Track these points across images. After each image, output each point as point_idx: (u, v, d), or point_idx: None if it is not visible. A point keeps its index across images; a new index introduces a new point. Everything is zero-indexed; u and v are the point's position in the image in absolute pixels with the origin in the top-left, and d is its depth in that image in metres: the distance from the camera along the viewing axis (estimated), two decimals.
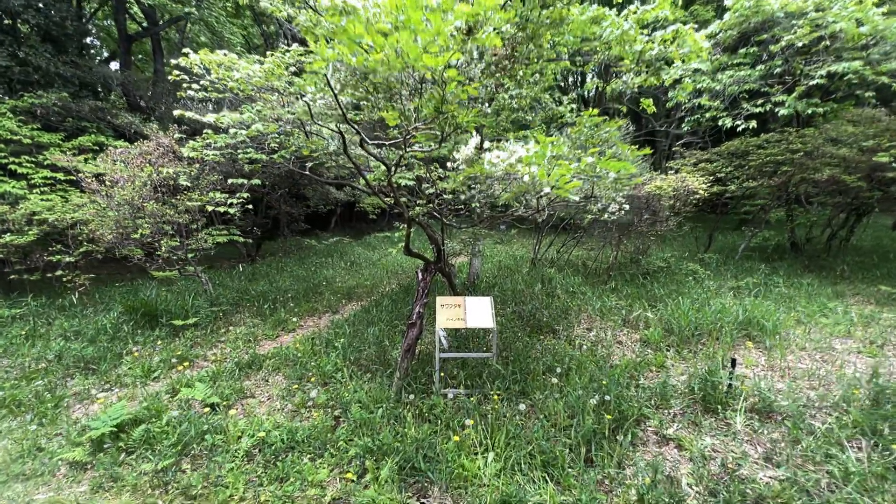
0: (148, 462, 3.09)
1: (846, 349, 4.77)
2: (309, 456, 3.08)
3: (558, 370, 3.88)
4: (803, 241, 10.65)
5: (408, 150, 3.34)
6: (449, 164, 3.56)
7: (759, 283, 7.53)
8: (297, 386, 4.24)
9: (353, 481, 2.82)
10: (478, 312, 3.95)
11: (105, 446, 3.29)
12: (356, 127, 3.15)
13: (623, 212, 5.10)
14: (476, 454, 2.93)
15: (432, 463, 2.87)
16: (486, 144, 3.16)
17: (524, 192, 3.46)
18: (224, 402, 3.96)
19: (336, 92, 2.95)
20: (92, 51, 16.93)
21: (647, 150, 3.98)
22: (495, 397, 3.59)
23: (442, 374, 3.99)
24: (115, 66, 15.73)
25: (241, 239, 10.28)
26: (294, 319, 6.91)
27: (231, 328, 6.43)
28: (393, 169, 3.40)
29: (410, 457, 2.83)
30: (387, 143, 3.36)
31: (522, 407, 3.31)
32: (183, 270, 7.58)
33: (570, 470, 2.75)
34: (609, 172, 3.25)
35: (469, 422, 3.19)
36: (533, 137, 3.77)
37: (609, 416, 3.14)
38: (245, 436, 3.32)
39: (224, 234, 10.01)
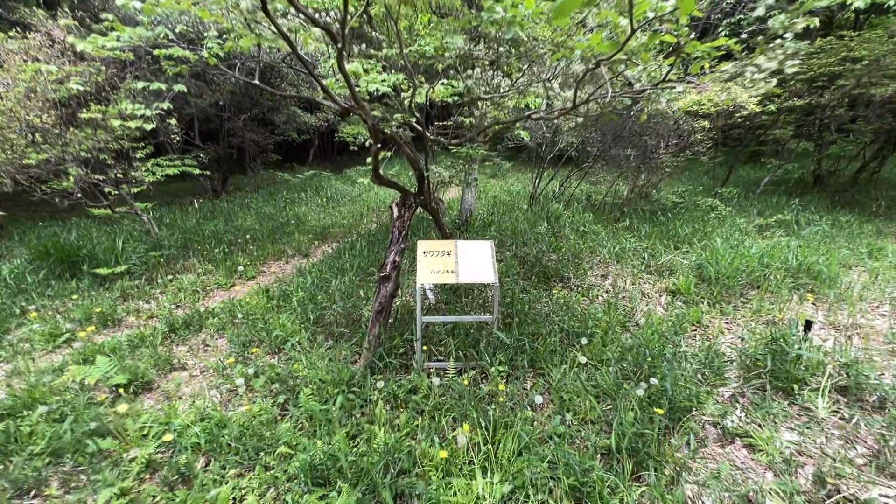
0: None
1: None
2: (235, 470, 2.17)
3: (583, 340, 2.92)
4: (827, 174, 9.61)
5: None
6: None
7: (789, 221, 6.58)
8: (232, 359, 3.27)
9: None
10: (474, 261, 2.91)
11: None
12: None
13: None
14: (472, 471, 2.04)
15: (409, 489, 1.97)
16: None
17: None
18: (139, 381, 3.00)
19: None
20: None
21: (723, 40, 2.58)
22: (497, 379, 2.66)
23: (426, 346, 3.04)
24: None
25: (197, 170, 8.85)
26: (255, 265, 5.86)
27: (177, 276, 5.36)
28: (344, 46, 2.13)
29: (376, 483, 1.93)
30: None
31: (539, 399, 2.36)
32: (114, 207, 6.31)
33: (610, 498, 1.87)
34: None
35: (465, 431, 2.27)
36: None
37: (660, 411, 2.25)
38: (151, 436, 2.38)
39: (176, 165, 8.59)
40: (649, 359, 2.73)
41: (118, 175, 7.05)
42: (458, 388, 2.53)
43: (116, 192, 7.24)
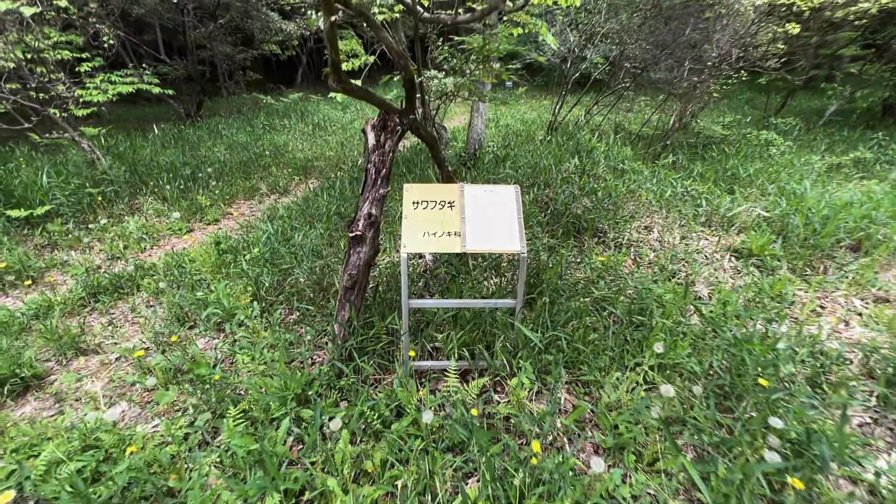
0: None
1: None
2: None
3: (658, 346, 1.94)
4: None
5: None
6: None
7: (868, 160, 5.38)
8: (141, 352, 2.41)
9: None
10: (489, 218, 1.91)
11: None
12: None
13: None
14: None
15: None
16: None
17: None
18: (23, 375, 2.17)
19: None
20: None
21: None
22: (520, 392, 1.79)
23: (414, 344, 2.14)
24: None
25: (157, 89, 7.49)
26: (220, 205, 4.87)
27: (122, 219, 4.41)
28: None
29: None
30: None
31: (599, 466, 1.41)
32: (48, 131, 5.18)
33: None
34: None
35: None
36: None
37: (797, 484, 1.37)
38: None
39: (132, 82, 7.22)
40: (751, 370, 1.83)
41: (60, 93, 5.83)
42: (463, 415, 1.66)
43: (65, 114, 6.06)
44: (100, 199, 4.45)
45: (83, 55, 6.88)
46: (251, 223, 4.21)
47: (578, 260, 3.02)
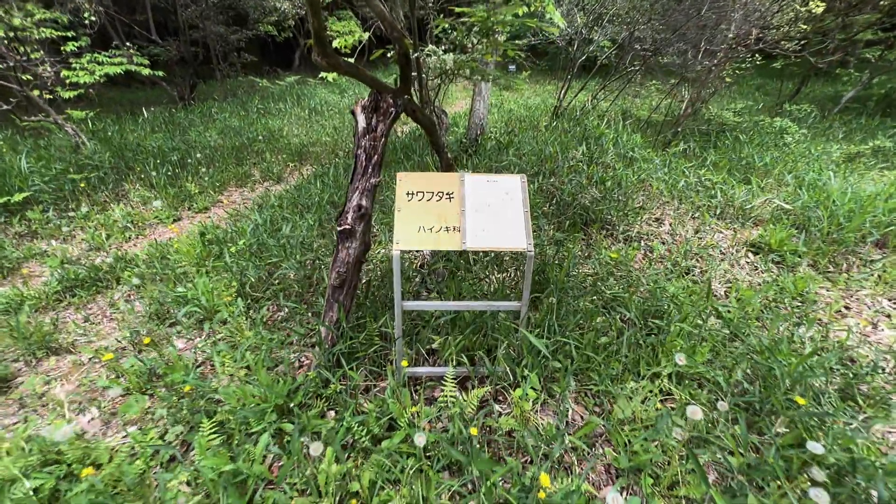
0: None
1: None
2: None
3: (679, 358, 1.73)
4: None
5: None
6: None
7: (889, 149, 5.14)
8: (111, 354, 2.24)
9: None
10: (493, 212, 1.71)
11: None
12: None
13: None
14: None
15: None
16: None
17: None
18: None
19: None
20: None
21: None
22: (524, 404, 1.61)
23: (409, 349, 1.96)
24: None
25: (147, 71, 7.22)
26: (211, 192, 4.67)
27: (107, 206, 4.21)
28: None
29: None
30: None
31: (617, 501, 1.23)
32: (24, 113, 4.95)
33: None
34: None
35: None
36: None
37: None
38: None
39: (120, 63, 6.96)
40: (781, 383, 1.65)
41: (41, 73, 5.58)
42: (462, 432, 1.49)
43: (49, 96, 5.82)
44: (83, 185, 4.24)
45: (68, 34, 6.58)
46: (241, 212, 4.02)
47: (586, 254, 2.83)
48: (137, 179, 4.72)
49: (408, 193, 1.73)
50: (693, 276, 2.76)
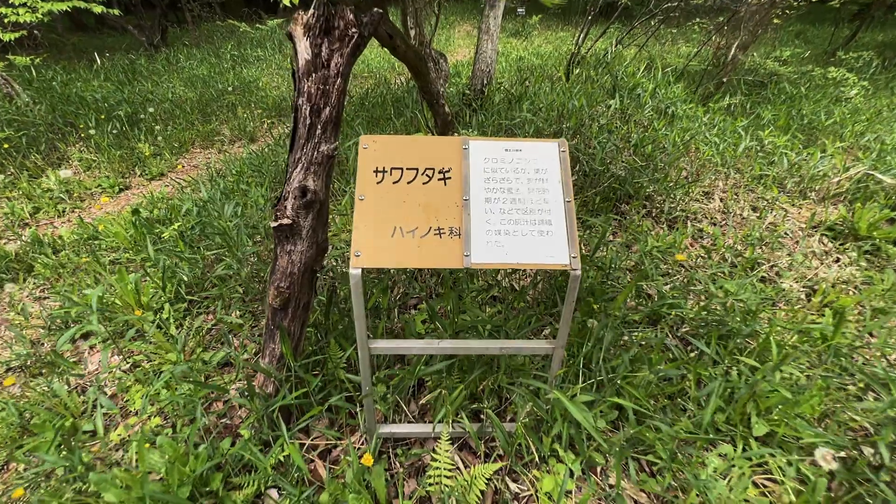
0: None
1: None
2: None
3: (826, 456, 1.09)
4: None
5: None
6: None
7: None
8: (21, 368, 1.66)
9: None
10: (514, 206, 1.05)
11: None
12: None
13: None
14: None
15: None
16: None
17: None
18: None
19: None
20: None
21: None
22: (555, 493, 1.03)
23: (381, 402, 1.35)
24: None
25: (99, 8, 6.21)
26: (169, 154, 3.97)
27: (39, 172, 3.52)
28: None
29: None
30: None
31: None
32: None
33: None
34: None
35: None
36: None
37: None
38: None
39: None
40: None
41: None
42: None
43: None
44: (6, 146, 3.52)
45: None
46: (197, 180, 3.33)
47: (625, 242, 2.18)
48: (80, 139, 3.99)
49: (376, 171, 1.06)
50: (762, 270, 2.12)
